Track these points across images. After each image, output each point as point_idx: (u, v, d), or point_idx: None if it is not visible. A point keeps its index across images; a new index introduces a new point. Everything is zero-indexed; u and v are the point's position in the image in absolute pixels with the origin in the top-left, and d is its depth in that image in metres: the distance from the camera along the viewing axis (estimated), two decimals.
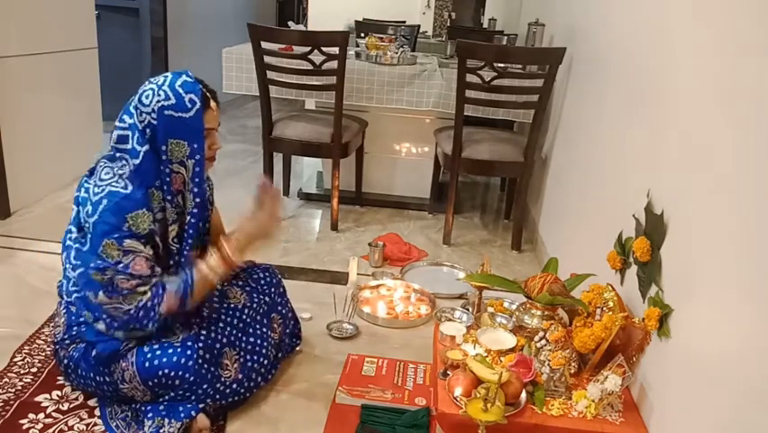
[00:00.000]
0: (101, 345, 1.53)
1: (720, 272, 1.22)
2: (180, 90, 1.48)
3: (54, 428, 1.54)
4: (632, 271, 1.65)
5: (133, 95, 1.52)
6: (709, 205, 1.29)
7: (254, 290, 1.75)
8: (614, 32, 2.15)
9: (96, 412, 1.60)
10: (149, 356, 1.51)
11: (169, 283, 1.50)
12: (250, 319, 1.69)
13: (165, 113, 1.46)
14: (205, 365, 1.53)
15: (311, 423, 1.64)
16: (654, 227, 1.53)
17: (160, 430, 1.48)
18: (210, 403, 1.55)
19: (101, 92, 3.50)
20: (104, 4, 4.33)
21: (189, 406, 1.51)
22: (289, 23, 3.88)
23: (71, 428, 1.54)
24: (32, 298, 2.15)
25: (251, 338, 1.67)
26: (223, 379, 1.58)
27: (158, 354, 1.51)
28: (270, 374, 1.74)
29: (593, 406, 1.45)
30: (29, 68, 2.91)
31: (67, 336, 1.59)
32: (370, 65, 3.07)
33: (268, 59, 2.84)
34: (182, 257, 1.57)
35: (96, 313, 1.50)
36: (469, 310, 2.09)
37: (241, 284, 1.75)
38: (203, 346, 1.54)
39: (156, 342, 1.53)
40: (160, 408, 1.52)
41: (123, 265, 1.43)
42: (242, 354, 1.64)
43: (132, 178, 1.48)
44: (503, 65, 2.85)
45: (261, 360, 1.68)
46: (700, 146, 1.36)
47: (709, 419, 1.19)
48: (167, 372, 1.49)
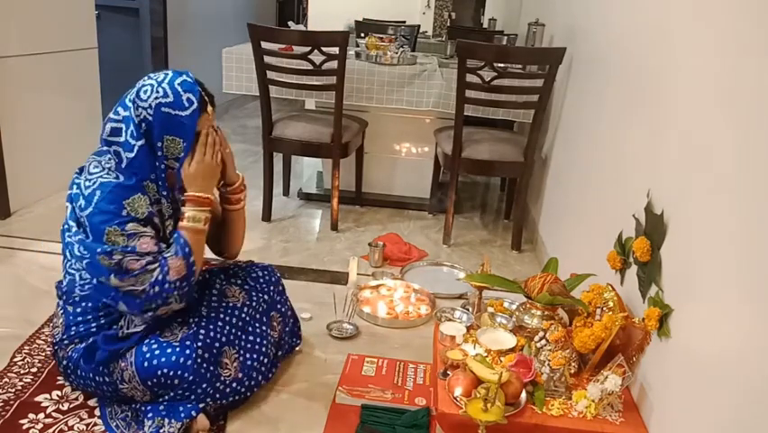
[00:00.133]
0: (102, 350, 1.53)
1: (720, 272, 1.22)
2: (179, 88, 1.48)
3: (54, 428, 1.54)
4: (632, 271, 1.65)
5: (131, 88, 1.52)
6: (709, 205, 1.29)
7: (253, 289, 1.75)
8: (614, 32, 2.15)
9: (96, 412, 1.60)
10: (147, 356, 1.50)
11: (166, 252, 1.50)
12: (249, 318, 1.69)
13: (162, 110, 1.47)
14: (205, 364, 1.53)
15: (311, 423, 1.64)
16: (654, 227, 1.53)
17: (160, 430, 1.48)
18: (210, 403, 1.55)
19: (101, 92, 3.50)
20: (104, 4, 4.32)
21: (189, 406, 1.51)
22: (289, 22, 3.88)
23: (71, 428, 1.54)
24: (31, 298, 2.15)
25: (250, 337, 1.67)
26: (222, 378, 1.58)
27: (156, 353, 1.51)
28: (271, 373, 1.74)
29: (593, 406, 1.45)
30: (29, 68, 2.91)
31: (65, 336, 1.59)
32: (370, 65, 3.07)
33: (268, 59, 2.84)
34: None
35: (115, 298, 1.48)
36: (469, 310, 2.09)
37: (239, 283, 1.74)
38: (202, 345, 1.54)
39: (155, 342, 1.53)
40: (160, 408, 1.52)
41: (131, 248, 1.44)
42: (241, 352, 1.64)
43: (123, 170, 1.49)
44: (503, 65, 2.85)
45: (261, 358, 1.68)
46: (700, 146, 1.36)
47: (709, 419, 1.19)
48: (166, 371, 1.49)
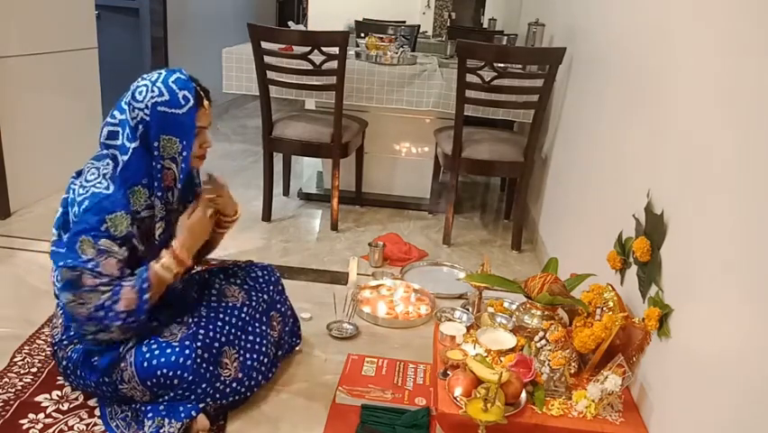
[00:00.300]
0: (101, 356, 1.53)
1: (720, 272, 1.22)
2: (174, 87, 1.48)
3: (54, 428, 1.54)
4: (632, 271, 1.65)
5: (126, 91, 1.52)
6: (709, 205, 1.29)
7: (252, 289, 1.75)
8: (614, 32, 2.15)
9: (96, 412, 1.60)
10: (147, 356, 1.50)
11: (125, 281, 1.48)
12: (249, 318, 1.69)
13: (158, 109, 1.47)
14: (204, 364, 1.53)
15: (311, 423, 1.65)
16: (654, 227, 1.53)
17: (160, 430, 1.48)
18: (210, 403, 1.55)
19: (101, 92, 3.50)
20: (104, 4, 4.32)
21: (189, 406, 1.51)
22: (289, 22, 3.88)
23: (71, 428, 1.54)
24: (31, 298, 2.15)
25: (250, 336, 1.67)
26: (222, 378, 1.58)
27: (156, 353, 1.51)
28: (271, 373, 1.74)
29: (593, 406, 1.45)
30: (29, 68, 2.91)
31: (65, 336, 1.59)
32: (370, 65, 3.07)
33: (268, 59, 2.84)
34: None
35: (65, 312, 1.47)
36: (469, 310, 2.09)
37: (239, 282, 1.75)
38: (201, 346, 1.54)
39: (155, 342, 1.53)
40: (160, 408, 1.52)
41: (94, 264, 1.43)
42: (241, 352, 1.64)
43: (116, 177, 1.49)
44: (503, 65, 2.85)
45: (261, 358, 1.68)
46: (700, 146, 1.36)
47: (709, 419, 1.19)
48: (165, 371, 1.49)
